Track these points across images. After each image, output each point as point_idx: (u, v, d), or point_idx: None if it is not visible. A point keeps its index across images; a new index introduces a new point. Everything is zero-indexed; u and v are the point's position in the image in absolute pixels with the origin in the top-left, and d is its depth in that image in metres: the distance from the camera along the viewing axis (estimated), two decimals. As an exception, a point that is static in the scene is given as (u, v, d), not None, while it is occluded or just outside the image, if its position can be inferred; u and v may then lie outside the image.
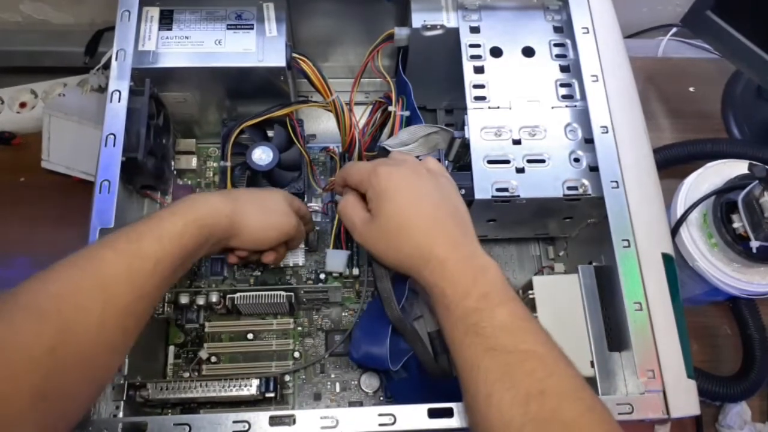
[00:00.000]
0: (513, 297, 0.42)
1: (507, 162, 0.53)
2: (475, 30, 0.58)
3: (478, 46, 0.57)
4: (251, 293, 0.56)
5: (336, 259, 0.59)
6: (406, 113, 0.59)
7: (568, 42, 0.58)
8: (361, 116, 0.63)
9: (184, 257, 0.44)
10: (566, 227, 0.60)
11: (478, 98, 0.55)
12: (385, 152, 0.58)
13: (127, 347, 0.42)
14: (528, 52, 0.58)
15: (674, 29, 0.91)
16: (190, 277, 0.62)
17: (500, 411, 0.37)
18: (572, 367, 0.39)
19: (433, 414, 0.44)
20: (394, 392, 0.57)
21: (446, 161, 0.59)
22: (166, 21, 0.57)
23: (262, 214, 0.51)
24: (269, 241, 0.53)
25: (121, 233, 0.43)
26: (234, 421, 0.43)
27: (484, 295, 0.41)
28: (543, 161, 0.53)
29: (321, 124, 0.71)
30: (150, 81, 0.55)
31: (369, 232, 0.46)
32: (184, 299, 0.57)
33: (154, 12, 0.57)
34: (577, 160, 0.53)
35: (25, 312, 0.36)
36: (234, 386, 0.51)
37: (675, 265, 0.50)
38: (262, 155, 0.58)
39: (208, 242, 0.47)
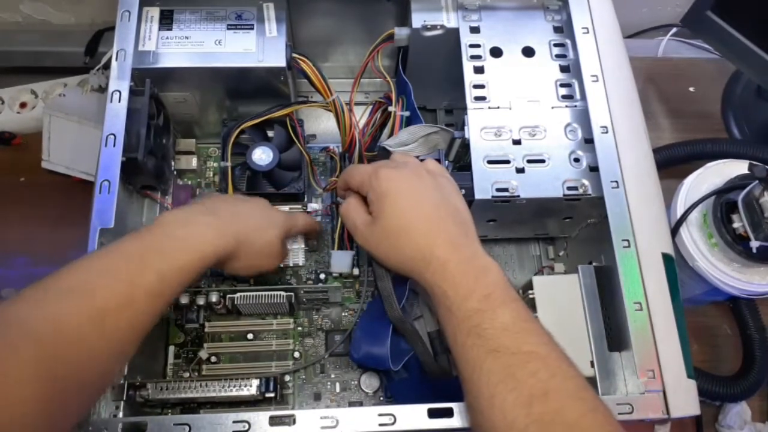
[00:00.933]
0: (515, 298, 0.42)
1: (507, 162, 0.53)
2: (475, 30, 0.58)
3: (478, 46, 0.57)
4: (251, 293, 0.56)
5: (341, 260, 0.59)
6: (406, 113, 0.59)
7: (568, 42, 0.58)
8: (361, 116, 0.63)
9: (181, 290, 0.44)
10: (566, 227, 0.60)
11: (478, 98, 0.55)
12: (385, 152, 0.58)
13: (119, 370, 0.42)
14: (528, 52, 0.58)
15: (674, 29, 0.91)
16: (190, 277, 0.62)
17: (503, 412, 0.37)
18: (574, 367, 0.40)
19: (433, 414, 0.44)
20: (394, 392, 0.57)
21: (446, 161, 0.59)
22: (166, 21, 0.57)
23: (256, 256, 0.51)
24: (248, 276, 0.56)
25: (121, 258, 0.42)
26: (234, 421, 0.43)
27: (486, 296, 0.41)
28: (543, 161, 0.53)
29: (321, 124, 0.71)
30: (150, 81, 0.55)
31: (370, 234, 0.46)
32: (184, 299, 0.57)
33: (154, 12, 0.57)
34: (577, 160, 0.53)
35: (19, 332, 0.35)
36: (234, 386, 0.51)
37: (675, 265, 0.50)
38: (262, 155, 0.58)
39: (204, 269, 0.46)
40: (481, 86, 0.56)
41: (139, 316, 0.40)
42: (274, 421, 0.43)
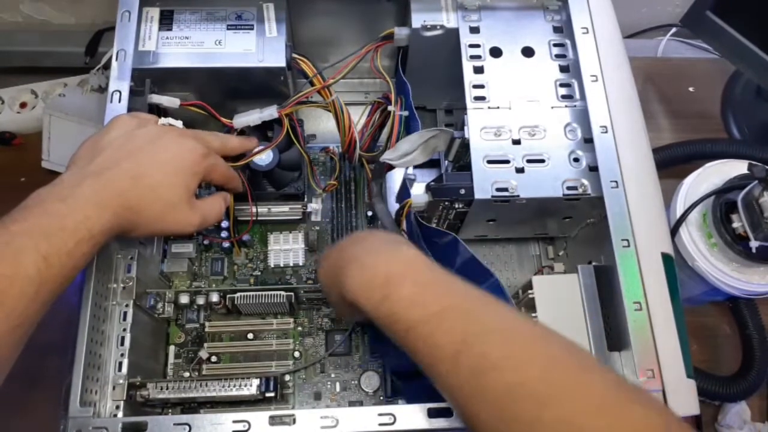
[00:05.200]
0: (419, 264, 0.41)
1: (507, 162, 0.53)
2: (474, 30, 0.58)
3: (477, 46, 0.57)
4: (251, 293, 0.56)
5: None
6: (405, 113, 0.59)
7: (568, 42, 0.58)
8: (360, 116, 0.63)
9: (74, 275, 0.40)
10: (566, 227, 0.60)
11: (477, 98, 0.55)
12: (389, 168, 0.58)
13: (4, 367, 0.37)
14: (528, 52, 0.58)
15: (674, 29, 0.91)
16: (191, 277, 0.62)
17: (444, 386, 0.37)
18: (494, 303, 0.38)
19: (432, 414, 0.44)
20: (409, 394, 0.57)
21: (446, 161, 0.59)
22: (166, 21, 0.57)
23: (157, 221, 0.45)
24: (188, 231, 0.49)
25: None
26: (234, 421, 0.43)
27: (384, 283, 0.40)
28: (543, 161, 0.53)
29: (321, 124, 0.71)
30: (150, 81, 0.55)
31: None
32: (184, 299, 0.57)
33: (154, 12, 0.57)
34: (576, 160, 0.54)
35: None
36: (234, 386, 0.51)
37: (674, 265, 0.51)
38: (262, 155, 0.58)
39: (100, 249, 0.42)
40: (481, 86, 0.56)
41: (21, 310, 0.36)
42: (274, 420, 0.43)
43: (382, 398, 0.59)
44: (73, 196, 0.41)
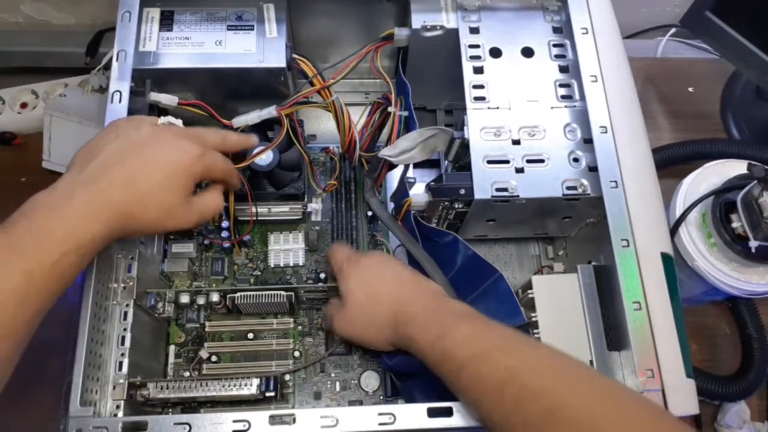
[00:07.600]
0: (473, 314, 0.46)
1: (506, 162, 0.53)
2: (474, 30, 0.58)
3: (477, 46, 0.57)
4: (252, 293, 0.56)
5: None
6: (405, 114, 0.59)
7: (568, 42, 0.58)
8: (360, 117, 0.63)
9: (63, 286, 0.40)
10: (565, 227, 0.60)
11: (477, 98, 0.55)
12: (389, 167, 0.58)
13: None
14: (527, 52, 0.58)
15: (673, 30, 0.91)
16: (191, 277, 0.62)
17: (492, 418, 0.40)
18: (535, 346, 0.44)
19: (432, 413, 0.44)
20: (408, 393, 0.57)
21: (446, 161, 0.59)
22: (166, 22, 0.57)
23: (155, 223, 0.45)
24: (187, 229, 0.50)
25: None
26: (234, 421, 0.43)
27: (442, 323, 0.45)
28: (542, 161, 0.53)
29: (321, 125, 0.71)
30: (150, 82, 0.55)
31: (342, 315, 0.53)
32: (184, 299, 0.57)
33: (154, 13, 0.57)
34: (576, 160, 0.54)
35: None
36: (234, 385, 0.51)
37: (674, 265, 0.51)
38: (262, 155, 0.58)
39: (92, 258, 0.43)
40: (481, 86, 0.56)
41: (5, 323, 0.36)
42: (274, 420, 0.44)
43: (381, 398, 0.59)
44: (62, 207, 0.41)
